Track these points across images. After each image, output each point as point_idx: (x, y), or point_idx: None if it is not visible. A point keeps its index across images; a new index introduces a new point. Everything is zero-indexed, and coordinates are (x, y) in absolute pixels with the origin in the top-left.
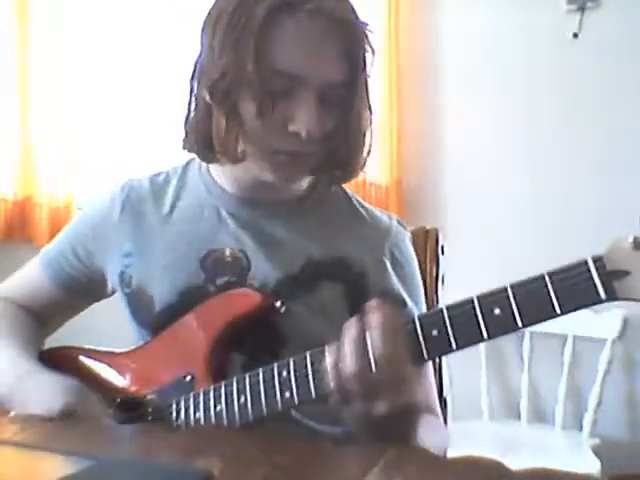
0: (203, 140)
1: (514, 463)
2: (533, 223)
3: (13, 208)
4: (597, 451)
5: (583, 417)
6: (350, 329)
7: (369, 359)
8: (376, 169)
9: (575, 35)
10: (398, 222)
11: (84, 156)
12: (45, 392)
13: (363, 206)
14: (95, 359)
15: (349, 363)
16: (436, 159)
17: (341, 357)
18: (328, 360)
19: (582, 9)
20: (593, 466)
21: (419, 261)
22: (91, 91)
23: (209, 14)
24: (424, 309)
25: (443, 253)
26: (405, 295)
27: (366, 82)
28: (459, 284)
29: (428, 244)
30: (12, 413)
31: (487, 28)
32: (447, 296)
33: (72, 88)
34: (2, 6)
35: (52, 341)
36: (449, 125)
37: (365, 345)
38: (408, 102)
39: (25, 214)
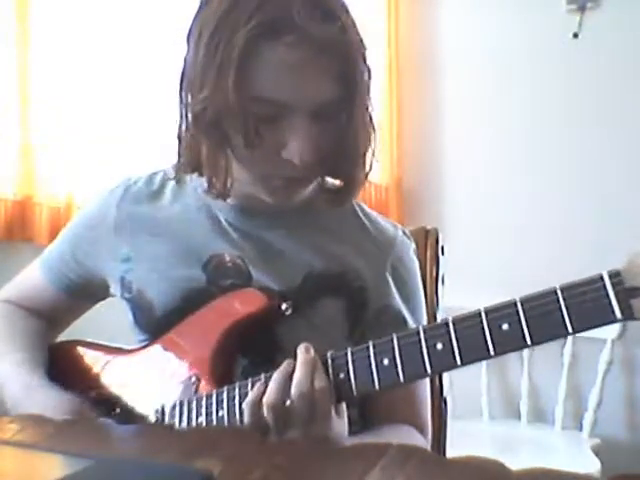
0: (195, 166)
1: (514, 463)
2: (533, 223)
3: (13, 208)
4: (597, 451)
5: (583, 417)
6: (281, 366)
7: (288, 394)
8: (376, 169)
9: (575, 35)
10: (403, 232)
11: (84, 156)
12: (39, 410)
13: (367, 215)
14: (100, 354)
15: (268, 395)
16: (436, 159)
17: (265, 390)
18: (251, 393)
19: (582, 9)
20: (593, 466)
21: (419, 261)
22: (91, 91)
23: (191, 29)
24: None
25: (443, 253)
26: (406, 312)
27: (365, 99)
28: (459, 284)
29: (428, 244)
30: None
31: (487, 28)
32: (447, 296)
33: (72, 88)
34: (2, 6)
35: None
36: (449, 125)
37: (289, 382)
38: (408, 102)
39: (25, 214)
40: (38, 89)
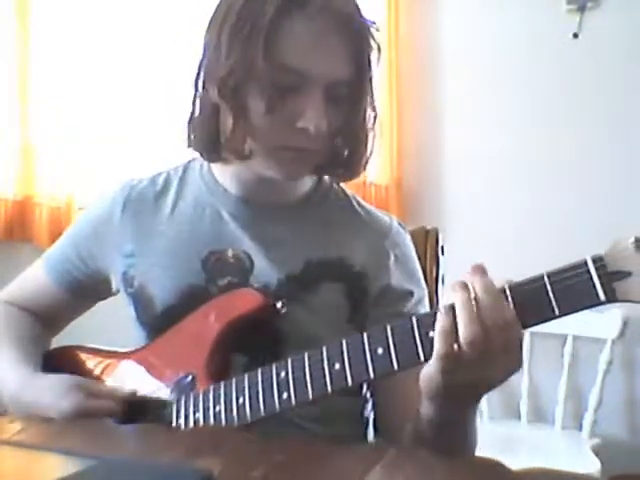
0: (209, 139)
1: (514, 463)
2: (533, 223)
3: (13, 208)
4: (597, 451)
5: (583, 417)
6: (458, 293)
7: (481, 324)
8: (376, 169)
9: (575, 35)
10: (398, 223)
11: (84, 156)
12: (49, 395)
13: (363, 206)
14: (99, 358)
15: (465, 330)
16: (436, 159)
17: (455, 323)
18: (439, 325)
19: (582, 9)
20: (593, 466)
21: (419, 261)
22: (91, 91)
23: (215, 11)
24: (427, 300)
25: (443, 253)
26: (410, 285)
27: (371, 82)
28: None
29: (428, 244)
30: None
31: (487, 28)
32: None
33: (72, 88)
34: (2, 6)
35: (55, 341)
36: (449, 125)
37: (477, 309)
38: (408, 102)
39: (25, 214)
40: (38, 89)
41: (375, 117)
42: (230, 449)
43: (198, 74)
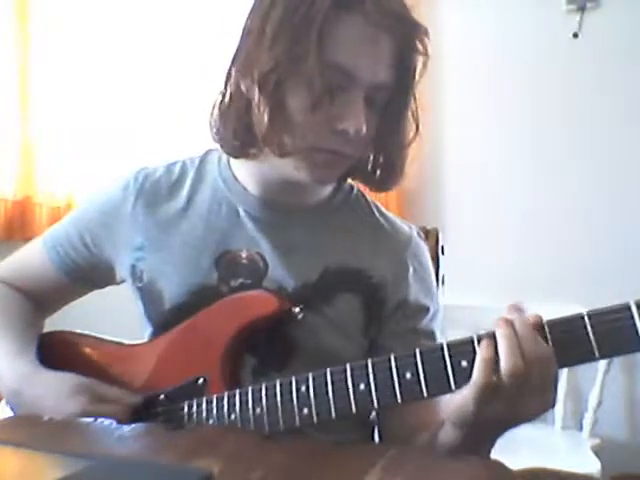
0: (242, 132)
1: (514, 463)
2: (533, 223)
3: (13, 208)
4: (597, 451)
5: (583, 417)
6: (501, 328)
7: (523, 357)
8: None
9: (575, 35)
10: (417, 233)
11: (84, 156)
12: (52, 396)
13: (383, 214)
14: (101, 349)
15: (507, 361)
16: (436, 159)
17: (497, 353)
18: (481, 355)
19: (582, 9)
20: (593, 466)
21: None
22: (91, 91)
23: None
24: (440, 315)
25: (443, 253)
26: (426, 301)
27: (414, 96)
28: (459, 284)
29: (428, 244)
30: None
31: (487, 28)
32: (447, 296)
33: (72, 88)
34: (2, 6)
35: (54, 326)
36: (449, 126)
37: (518, 343)
38: None
39: (25, 214)
40: (38, 89)
41: (417, 128)
42: (230, 449)
43: (232, 63)
